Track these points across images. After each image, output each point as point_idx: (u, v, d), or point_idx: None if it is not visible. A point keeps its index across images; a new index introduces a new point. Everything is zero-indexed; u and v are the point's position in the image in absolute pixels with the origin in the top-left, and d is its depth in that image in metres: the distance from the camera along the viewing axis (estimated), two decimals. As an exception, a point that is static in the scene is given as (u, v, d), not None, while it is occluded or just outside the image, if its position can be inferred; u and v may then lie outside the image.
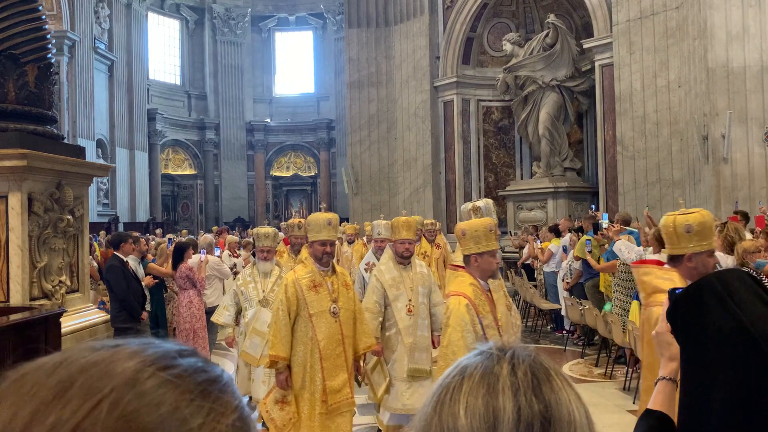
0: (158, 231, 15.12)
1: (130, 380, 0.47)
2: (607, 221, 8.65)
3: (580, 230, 9.33)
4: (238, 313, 5.89)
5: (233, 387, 0.53)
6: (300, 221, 6.84)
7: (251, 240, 13.44)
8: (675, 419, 1.30)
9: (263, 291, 5.53)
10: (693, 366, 1.27)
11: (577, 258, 8.64)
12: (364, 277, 6.32)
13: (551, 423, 0.60)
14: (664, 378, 1.35)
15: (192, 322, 6.87)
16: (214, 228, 17.43)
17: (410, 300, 4.93)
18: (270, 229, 5.94)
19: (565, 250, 9.51)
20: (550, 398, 0.62)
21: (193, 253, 7.38)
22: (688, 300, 1.29)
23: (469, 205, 4.44)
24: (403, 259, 5.05)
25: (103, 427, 0.45)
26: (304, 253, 5.50)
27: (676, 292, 1.35)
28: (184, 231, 19.60)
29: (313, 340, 4.17)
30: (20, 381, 0.48)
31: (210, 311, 7.56)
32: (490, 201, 4.41)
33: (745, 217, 7.87)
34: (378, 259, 5.66)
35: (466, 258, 3.51)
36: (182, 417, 0.47)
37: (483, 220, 3.69)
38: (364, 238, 10.45)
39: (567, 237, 9.68)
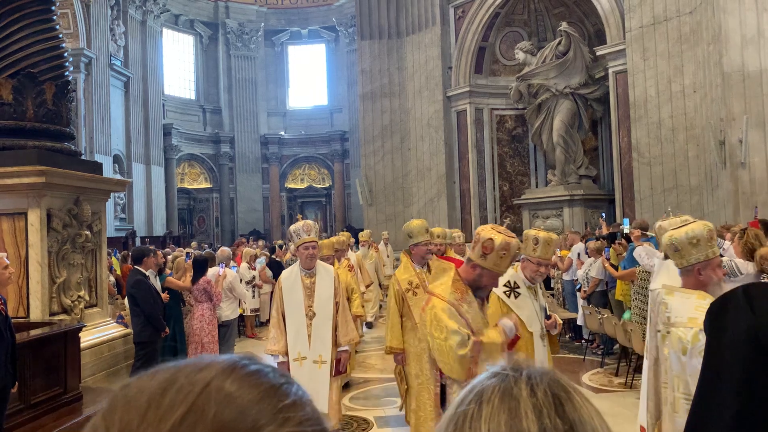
0: (170, 247, 15.07)
1: (209, 384, 0.52)
2: (629, 227, 8.58)
3: (611, 237, 9.27)
4: None
5: (302, 388, 0.56)
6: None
7: (265, 251, 13.34)
8: None
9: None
10: (706, 370, 1.29)
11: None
12: None
13: None
14: None
15: (201, 336, 6.89)
16: (259, 244, 16.95)
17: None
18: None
19: (578, 256, 9.45)
20: (573, 418, 0.61)
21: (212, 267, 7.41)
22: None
23: None
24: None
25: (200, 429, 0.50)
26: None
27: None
28: (208, 250, 19.14)
29: None
30: (125, 392, 0.54)
31: (226, 324, 7.57)
32: None
33: (766, 226, 7.71)
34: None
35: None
36: (258, 411, 0.51)
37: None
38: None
39: (580, 245, 9.61)
